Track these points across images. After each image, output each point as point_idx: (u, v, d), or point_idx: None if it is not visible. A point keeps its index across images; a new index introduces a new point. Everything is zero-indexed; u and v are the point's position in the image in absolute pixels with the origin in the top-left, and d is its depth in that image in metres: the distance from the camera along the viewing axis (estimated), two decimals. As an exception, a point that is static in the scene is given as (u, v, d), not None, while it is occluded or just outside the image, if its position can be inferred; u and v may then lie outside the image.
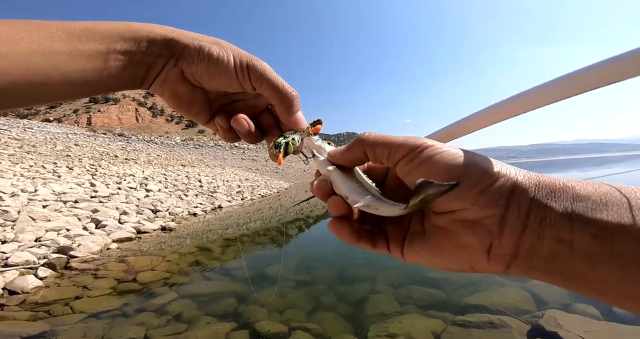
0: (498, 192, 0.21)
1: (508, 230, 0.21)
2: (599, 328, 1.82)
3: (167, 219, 5.95)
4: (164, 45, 0.31)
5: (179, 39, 0.32)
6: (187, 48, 0.32)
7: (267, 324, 2.08)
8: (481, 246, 0.22)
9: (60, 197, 5.59)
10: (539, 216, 0.20)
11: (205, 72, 0.32)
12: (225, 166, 22.28)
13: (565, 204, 0.20)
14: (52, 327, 2.06)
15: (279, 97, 0.33)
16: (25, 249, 3.31)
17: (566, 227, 0.19)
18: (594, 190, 0.21)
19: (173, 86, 0.33)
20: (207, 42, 0.32)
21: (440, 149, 0.23)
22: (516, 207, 0.21)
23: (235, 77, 0.32)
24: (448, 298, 2.36)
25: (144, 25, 0.32)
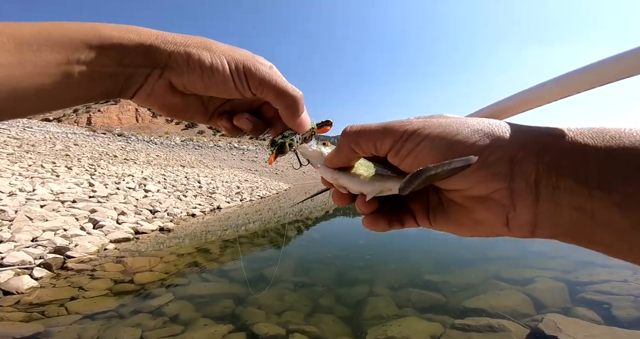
0: (495, 165, 0.20)
1: (520, 201, 0.20)
2: (600, 332, 1.80)
3: (165, 220, 5.93)
4: (142, 53, 0.28)
5: (159, 45, 0.28)
6: (172, 56, 0.28)
7: (264, 326, 2.06)
8: (498, 219, 0.21)
9: (59, 197, 5.57)
10: (551, 184, 0.19)
11: (199, 83, 0.29)
12: (225, 167, 22.27)
13: (579, 168, 0.18)
14: (47, 328, 2.04)
15: (282, 101, 0.31)
16: (21, 249, 3.29)
17: (584, 195, 0.18)
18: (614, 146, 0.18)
19: (162, 99, 0.30)
20: (194, 46, 0.29)
21: (422, 133, 0.22)
22: (522, 177, 0.19)
23: (234, 87, 0.30)
24: (447, 301, 2.34)
25: (115, 29, 0.27)
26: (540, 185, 0.19)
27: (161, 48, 0.28)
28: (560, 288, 2.44)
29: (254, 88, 0.30)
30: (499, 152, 0.20)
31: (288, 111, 0.31)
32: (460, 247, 3.86)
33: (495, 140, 0.20)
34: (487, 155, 0.20)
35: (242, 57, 0.30)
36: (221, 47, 0.30)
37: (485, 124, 0.21)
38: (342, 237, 5.35)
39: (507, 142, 0.20)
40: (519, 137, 0.20)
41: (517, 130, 0.21)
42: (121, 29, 0.28)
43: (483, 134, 0.21)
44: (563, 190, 0.18)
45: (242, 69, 0.29)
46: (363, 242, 4.53)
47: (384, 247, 4.12)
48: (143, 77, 0.29)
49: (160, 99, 0.30)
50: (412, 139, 0.22)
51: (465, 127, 0.21)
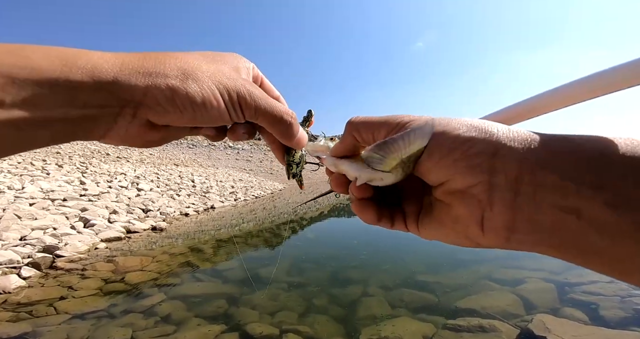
0: (477, 157, 0.19)
1: (498, 198, 0.18)
2: (587, 332, 1.84)
3: (158, 219, 5.86)
4: (103, 90, 0.22)
5: (128, 80, 0.22)
6: (149, 94, 0.23)
7: (258, 326, 2.05)
8: (472, 217, 0.20)
9: (48, 195, 5.47)
10: (534, 180, 0.17)
11: (190, 121, 0.25)
12: (219, 166, 22.12)
13: (567, 164, 0.17)
14: (35, 328, 2.00)
15: (277, 128, 0.29)
16: (9, 248, 3.22)
17: (571, 193, 0.16)
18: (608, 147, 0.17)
19: (140, 139, 0.26)
20: (175, 77, 0.24)
21: (413, 125, 0.22)
22: (503, 172, 0.18)
23: (229, 118, 0.27)
24: (439, 302, 2.37)
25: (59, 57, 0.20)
26: (522, 181, 0.18)
27: (131, 83, 0.22)
28: (550, 289, 2.49)
29: (249, 116, 0.28)
30: (483, 144, 0.19)
31: (284, 136, 0.30)
32: (453, 249, 3.90)
33: (481, 133, 0.20)
34: (469, 146, 0.20)
35: (232, 82, 0.26)
36: (206, 72, 0.25)
37: (478, 121, 0.21)
38: (336, 237, 5.36)
39: (494, 136, 0.20)
40: (508, 134, 0.20)
41: (510, 129, 0.20)
42: (67, 56, 0.21)
43: (471, 127, 0.20)
44: (547, 187, 0.17)
45: (236, 99, 0.26)
46: (357, 243, 4.54)
47: (377, 248, 4.14)
48: (110, 118, 0.23)
49: (137, 140, 0.26)
50: (406, 127, 0.23)
51: (456, 121, 0.21)
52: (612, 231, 0.15)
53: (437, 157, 0.21)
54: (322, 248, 4.31)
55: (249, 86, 0.27)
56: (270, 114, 0.28)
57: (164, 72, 0.24)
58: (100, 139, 0.25)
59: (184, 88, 0.24)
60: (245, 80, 0.28)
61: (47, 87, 0.20)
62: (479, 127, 0.20)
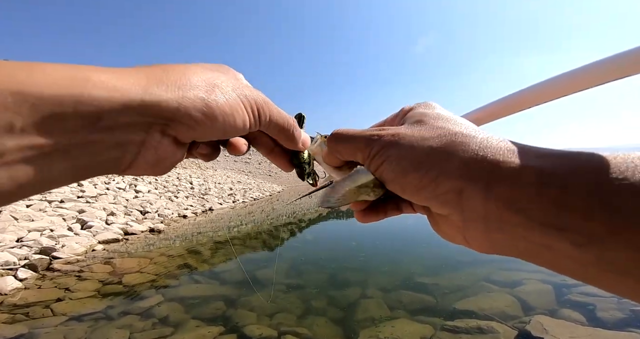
0: (444, 196, 0.20)
1: (472, 228, 0.19)
2: (584, 333, 1.85)
3: (155, 221, 5.84)
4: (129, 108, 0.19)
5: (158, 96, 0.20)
6: (181, 108, 0.21)
7: (256, 328, 2.04)
8: (456, 233, 0.21)
9: (45, 196, 5.44)
10: (501, 219, 0.18)
11: (219, 133, 0.24)
12: (218, 168, 22.07)
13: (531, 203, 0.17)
14: (31, 329, 1.99)
15: (284, 135, 0.30)
16: (5, 250, 3.20)
17: (538, 233, 0.16)
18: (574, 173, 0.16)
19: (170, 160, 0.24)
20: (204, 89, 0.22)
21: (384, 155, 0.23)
22: (470, 209, 0.19)
23: (248, 127, 0.26)
24: (437, 303, 2.37)
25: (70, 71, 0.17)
26: (489, 219, 0.18)
27: (162, 98, 0.20)
28: (548, 290, 2.50)
29: (264, 125, 0.28)
30: (447, 184, 0.20)
31: (290, 140, 0.30)
32: (451, 250, 3.91)
33: (445, 169, 0.20)
34: (434, 187, 0.20)
35: (250, 92, 0.26)
36: (228, 83, 0.25)
37: (448, 144, 0.21)
38: (334, 239, 5.36)
39: (456, 172, 0.19)
40: (473, 165, 0.19)
41: (478, 154, 0.20)
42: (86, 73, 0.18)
43: (437, 160, 0.20)
44: (515, 226, 0.17)
45: (255, 108, 0.26)
46: (355, 244, 4.54)
47: (376, 250, 4.14)
48: (138, 141, 0.21)
49: (166, 163, 0.24)
50: (376, 158, 0.23)
51: (422, 148, 0.21)
52: (580, 262, 0.16)
53: (409, 194, 0.22)
54: (321, 250, 4.31)
55: (262, 95, 0.28)
56: (281, 121, 0.29)
57: (192, 84, 0.22)
58: (128, 168, 0.22)
59: (215, 100, 0.23)
60: (257, 92, 0.28)
61: (69, 106, 0.17)
62: (443, 157, 0.20)
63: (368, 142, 0.24)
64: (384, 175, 0.23)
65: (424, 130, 0.23)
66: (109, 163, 0.20)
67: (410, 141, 0.22)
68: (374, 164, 0.24)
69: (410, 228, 5.54)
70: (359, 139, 0.25)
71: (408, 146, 0.22)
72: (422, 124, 0.24)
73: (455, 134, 0.21)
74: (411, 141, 0.22)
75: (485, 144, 0.20)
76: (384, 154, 0.23)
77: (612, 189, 0.15)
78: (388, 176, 0.23)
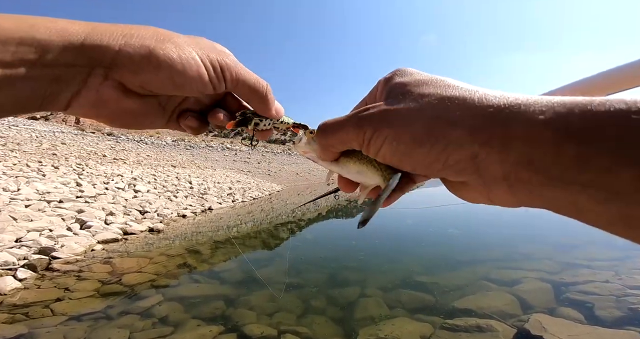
0: (458, 164, 0.19)
1: (494, 189, 0.19)
2: (583, 332, 1.85)
3: (155, 221, 5.84)
4: (68, 49, 0.21)
5: (96, 39, 0.22)
6: (122, 52, 0.22)
7: (256, 327, 2.05)
8: (480, 196, 0.21)
9: (44, 196, 5.43)
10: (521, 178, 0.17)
11: (167, 83, 0.24)
12: (217, 168, 22.06)
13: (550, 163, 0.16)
14: (31, 329, 1.98)
15: (256, 96, 0.29)
16: (4, 250, 3.19)
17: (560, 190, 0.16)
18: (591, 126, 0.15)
19: (114, 105, 0.25)
20: (152, 38, 0.23)
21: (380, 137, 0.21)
22: (488, 173, 0.19)
23: (210, 84, 0.26)
24: (437, 302, 2.38)
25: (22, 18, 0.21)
26: (509, 179, 0.18)
27: (104, 42, 0.22)
28: (546, 289, 2.51)
29: (230, 83, 0.27)
30: (459, 153, 0.19)
31: (263, 104, 0.30)
32: (450, 249, 3.92)
33: (452, 138, 0.19)
34: (444, 159, 0.19)
35: (213, 50, 0.26)
36: (185, 39, 0.25)
37: (447, 111, 0.19)
38: (334, 238, 5.36)
39: (466, 139, 0.18)
40: (481, 128, 0.18)
41: (484, 115, 0.18)
42: (35, 20, 0.21)
43: (441, 131, 0.19)
44: (536, 184, 0.17)
45: (217, 66, 0.26)
46: (355, 244, 4.55)
47: (375, 249, 4.15)
48: (79, 78, 0.22)
49: (111, 106, 0.24)
50: (373, 141, 0.22)
51: (423, 122, 0.20)
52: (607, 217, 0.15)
53: (421, 170, 0.21)
54: (320, 249, 4.31)
55: (229, 54, 0.28)
56: (249, 81, 0.28)
57: (139, 34, 0.23)
58: (69, 106, 0.23)
59: (161, 48, 0.23)
60: (224, 51, 0.28)
61: (12, 45, 0.19)
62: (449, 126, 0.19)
63: (358, 126, 0.22)
64: (388, 158, 0.22)
65: (412, 101, 0.21)
66: (50, 97, 0.22)
67: (402, 115, 0.21)
68: (373, 147, 0.22)
69: (409, 227, 5.55)
70: (347, 125, 0.23)
71: (402, 121, 0.21)
72: (409, 95, 0.22)
73: (449, 99, 0.20)
74: (404, 116, 0.21)
75: (486, 103, 0.19)
76: (379, 135, 0.21)
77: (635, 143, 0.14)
78: (393, 159, 0.22)
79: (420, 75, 0.23)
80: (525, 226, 5.29)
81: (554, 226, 5.11)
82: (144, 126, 0.29)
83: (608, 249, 3.39)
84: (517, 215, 6.25)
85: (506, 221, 5.78)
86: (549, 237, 4.29)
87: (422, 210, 6.98)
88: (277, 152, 32.14)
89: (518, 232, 4.82)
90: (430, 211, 6.79)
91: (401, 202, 0.29)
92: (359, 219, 0.25)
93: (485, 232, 4.94)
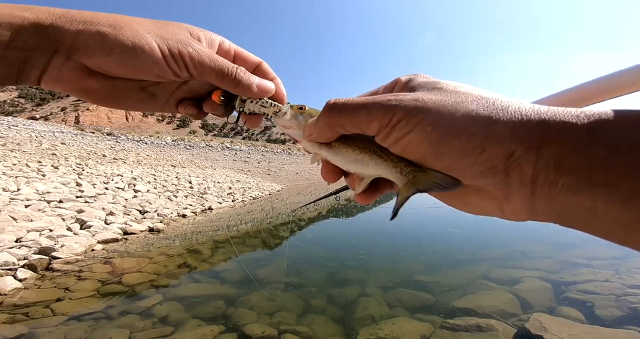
0: (491, 161, 0.19)
1: (515, 195, 0.19)
2: (583, 331, 1.86)
3: (155, 220, 5.84)
4: (38, 34, 0.25)
5: (63, 25, 0.25)
6: (80, 37, 0.25)
7: (256, 327, 2.05)
8: (492, 208, 0.21)
9: (44, 196, 5.42)
10: (549, 180, 0.17)
11: (121, 66, 0.26)
12: (217, 167, 22.05)
13: (582, 165, 0.16)
14: (31, 329, 1.99)
15: (226, 79, 0.28)
16: (4, 250, 3.19)
17: (585, 193, 0.16)
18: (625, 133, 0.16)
19: (76, 84, 0.27)
20: (109, 25, 0.25)
21: (412, 121, 0.20)
22: (518, 174, 0.18)
23: (168, 68, 0.27)
24: (437, 301, 2.38)
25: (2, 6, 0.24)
26: (537, 182, 0.18)
27: (65, 28, 0.25)
28: (546, 288, 2.51)
29: (194, 71, 0.28)
30: (496, 148, 0.18)
31: (238, 87, 0.29)
32: (450, 248, 3.92)
33: (493, 133, 0.19)
34: (478, 153, 0.19)
35: (173, 37, 0.27)
36: (144, 25, 0.27)
37: (487, 108, 0.19)
38: (334, 237, 5.36)
39: (506, 135, 0.18)
40: (521, 128, 0.18)
41: (523, 117, 0.19)
42: (10, 6, 0.25)
43: (481, 125, 0.19)
44: (562, 187, 0.17)
45: (177, 52, 0.27)
46: (355, 242, 4.55)
47: (375, 248, 4.15)
48: (43, 61, 0.26)
49: (73, 84, 0.27)
50: (400, 126, 0.21)
51: (462, 113, 0.19)
52: (620, 221, 0.16)
53: (446, 163, 0.20)
54: (320, 248, 4.31)
55: (193, 42, 0.28)
56: (214, 67, 0.28)
57: (98, 21, 0.26)
58: (37, 82, 0.27)
59: (114, 34, 0.25)
60: (189, 38, 0.28)
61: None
62: (490, 122, 0.19)
63: (388, 109, 0.21)
64: (410, 148, 0.21)
65: (451, 95, 0.21)
66: (24, 73, 0.26)
67: (441, 106, 0.20)
68: (395, 134, 0.21)
69: (409, 227, 5.55)
70: (375, 107, 0.21)
71: (441, 111, 0.20)
72: (444, 91, 0.21)
73: (491, 99, 0.20)
74: (444, 106, 0.20)
75: (524, 107, 0.19)
76: (410, 121, 0.20)
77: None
78: (419, 148, 0.21)
79: (449, 80, 0.23)
80: (525, 225, 5.29)
81: (553, 225, 5.11)
82: (127, 106, 0.30)
83: (608, 248, 3.39)
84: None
85: (505, 220, 5.77)
86: (549, 236, 4.29)
87: (421, 210, 6.98)
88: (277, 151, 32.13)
89: (517, 231, 4.82)
90: (430, 210, 6.79)
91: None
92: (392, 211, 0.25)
93: (484, 232, 4.95)
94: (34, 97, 64.67)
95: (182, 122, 68.65)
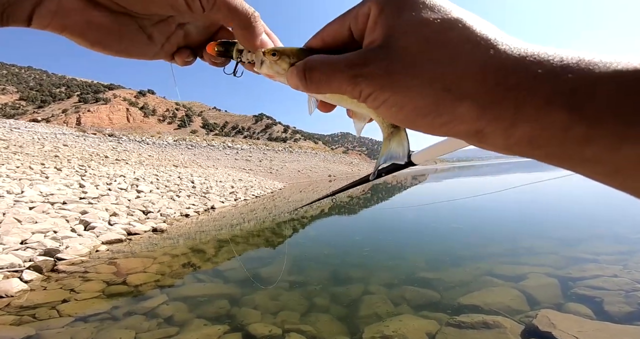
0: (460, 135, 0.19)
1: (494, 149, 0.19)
2: (593, 328, 1.83)
3: (158, 221, 5.86)
4: None
5: None
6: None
7: (260, 326, 2.04)
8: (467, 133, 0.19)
9: (48, 198, 5.45)
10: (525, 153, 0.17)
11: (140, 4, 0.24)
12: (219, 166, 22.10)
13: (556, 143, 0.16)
14: (38, 331, 1.99)
15: (237, 19, 0.26)
16: (10, 252, 3.21)
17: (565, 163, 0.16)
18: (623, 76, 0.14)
19: (78, 17, 0.24)
20: None
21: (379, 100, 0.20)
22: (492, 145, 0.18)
23: (184, 4, 0.25)
24: (442, 298, 2.36)
25: None
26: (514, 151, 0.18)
27: None
28: (553, 284, 2.48)
29: (208, 6, 0.25)
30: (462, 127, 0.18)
31: (245, 30, 0.27)
32: (454, 244, 3.90)
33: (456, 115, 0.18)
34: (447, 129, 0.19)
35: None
36: None
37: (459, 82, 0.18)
38: (337, 235, 5.36)
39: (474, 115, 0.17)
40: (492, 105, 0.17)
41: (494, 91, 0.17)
42: None
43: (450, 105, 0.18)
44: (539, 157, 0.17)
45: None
46: (359, 240, 4.54)
47: (379, 245, 4.14)
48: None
49: (75, 17, 0.23)
50: (371, 102, 0.20)
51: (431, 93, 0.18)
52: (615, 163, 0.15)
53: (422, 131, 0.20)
54: (323, 246, 4.31)
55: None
56: (231, 4, 0.25)
57: None
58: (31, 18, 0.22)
59: None
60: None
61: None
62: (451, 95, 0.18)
63: (354, 83, 0.20)
64: (387, 117, 0.21)
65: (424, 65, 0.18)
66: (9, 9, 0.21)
67: (409, 84, 0.18)
68: (369, 105, 0.21)
69: (413, 223, 5.53)
70: (341, 78, 0.20)
71: (407, 91, 0.18)
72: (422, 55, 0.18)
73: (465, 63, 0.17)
74: (411, 85, 0.18)
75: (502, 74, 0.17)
76: (378, 97, 0.20)
77: None
78: (392, 119, 0.21)
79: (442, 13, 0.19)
80: (529, 220, 5.25)
81: (558, 220, 5.08)
82: (121, 49, 0.27)
83: (615, 243, 3.36)
84: (520, 212, 6.22)
85: (510, 215, 5.75)
86: (554, 231, 4.25)
87: (424, 206, 6.96)
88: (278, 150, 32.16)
89: (522, 227, 4.79)
90: (433, 206, 6.77)
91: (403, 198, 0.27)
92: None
93: (489, 228, 4.92)
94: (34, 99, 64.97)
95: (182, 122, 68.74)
